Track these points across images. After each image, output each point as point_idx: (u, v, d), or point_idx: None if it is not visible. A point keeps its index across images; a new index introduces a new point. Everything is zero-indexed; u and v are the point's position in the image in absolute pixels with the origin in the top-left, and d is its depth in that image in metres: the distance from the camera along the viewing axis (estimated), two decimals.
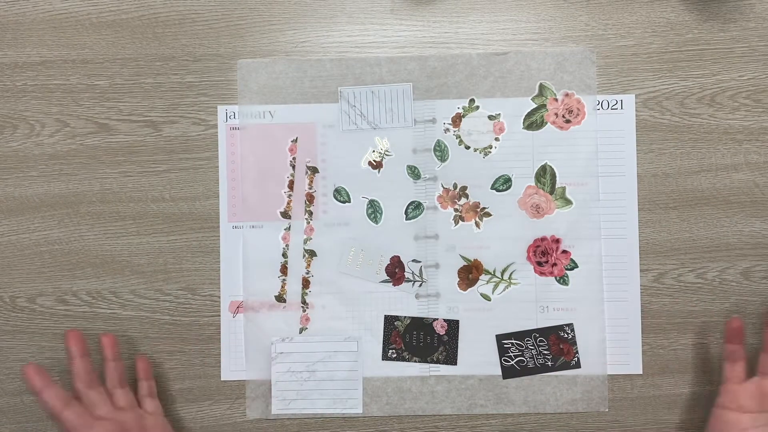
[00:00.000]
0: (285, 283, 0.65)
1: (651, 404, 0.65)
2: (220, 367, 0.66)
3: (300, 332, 0.65)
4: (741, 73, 0.65)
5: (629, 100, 0.65)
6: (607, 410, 0.64)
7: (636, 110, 0.65)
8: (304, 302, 0.65)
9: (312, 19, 0.66)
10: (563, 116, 0.64)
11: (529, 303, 0.65)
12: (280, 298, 0.65)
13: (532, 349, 0.64)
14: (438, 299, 0.65)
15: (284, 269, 0.65)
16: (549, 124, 0.64)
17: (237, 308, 0.66)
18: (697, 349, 0.65)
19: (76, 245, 0.66)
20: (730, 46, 0.65)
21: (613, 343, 0.64)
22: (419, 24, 0.66)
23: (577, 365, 0.64)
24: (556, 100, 0.64)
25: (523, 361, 0.64)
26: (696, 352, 0.65)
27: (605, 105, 0.65)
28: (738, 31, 0.65)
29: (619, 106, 0.65)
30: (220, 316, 0.66)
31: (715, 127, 0.65)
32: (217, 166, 0.66)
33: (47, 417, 0.60)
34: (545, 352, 0.64)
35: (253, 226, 0.66)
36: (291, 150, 0.65)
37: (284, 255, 0.65)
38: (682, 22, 0.65)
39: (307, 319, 0.65)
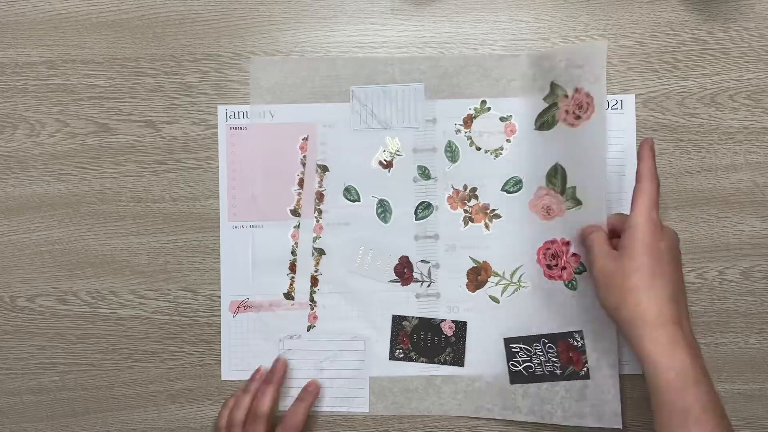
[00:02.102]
0: (294, 281, 0.65)
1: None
2: (220, 367, 0.66)
3: (308, 330, 0.65)
4: (741, 73, 0.65)
5: (629, 100, 0.65)
6: (621, 428, 0.62)
7: (636, 110, 0.65)
8: (312, 300, 0.65)
9: (312, 19, 0.66)
10: (573, 113, 0.63)
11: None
12: (288, 296, 0.65)
13: (540, 356, 0.63)
14: (438, 299, 0.65)
15: (293, 267, 0.65)
16: (560, 122, 0.63)
17: (237, 308, 0.66)
18: None
19: (76, 245, 0.66)
20: (730, 46, 0.65)
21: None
22: (419, 24, 0.66)
23: (586, 376, 0.63)
24: (567, 96, 0.63)
25: (530, 367, 0.63)
26: None
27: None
28: (738, 31, 0.65)
29: (619, 106, 0.65)
30: (220, 316, 0.66)
31: (715, 127, 0.65)
32: (217, 166, 0.66)
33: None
34: (554, 359, 0.63)
35: (259, 225, 0.65)
36: (302, 148, 0.65)
37: (293, 253, 0.65)
38: (682, 22, 0.65)
39: (315, 317, 0.65)
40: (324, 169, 0.65)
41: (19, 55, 0.67)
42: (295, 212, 0.65)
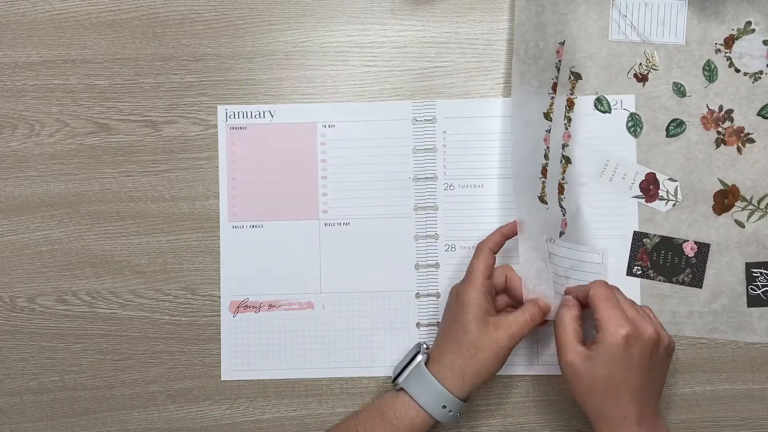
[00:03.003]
0: (544, 186, 0.63)
1: None
2: (220, 367, 0.66)
3: (560, 236, 0.63)
4: None
5: (629, 100, 0.65)
6: None
7: (636, 109, 0.65)
8: (561, 207, 0.63)
9: (312, 19, 0.66)
10: None
11: None
12: (542, 200, 0.63)
13: None
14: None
15: (544, 171, 0.63)
16: None
17: (237, 308, 0.66)
18: (696, 348, 0.65)
19: (76, 245, 0.66)
20: None
21: None
22: (419, 24, 0.66)
23: None
24: None
25: None
26: (696, 352, 0.65)
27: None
28: None
29: (619, 105, 0.65)
30: (220, 316, 0.66)
31: None
32: (217, 166, 0.66)
33: None
34: None
35: (259, 225, 0.65)
36: (557, 52, 0.63)
37: (545, 157, 0.63)
38: None
39: (566, 224, 0.64)
40: (577, 77, 0.64)
41: (19, 55, 0.67)
42: (547, 116, 0.63)
